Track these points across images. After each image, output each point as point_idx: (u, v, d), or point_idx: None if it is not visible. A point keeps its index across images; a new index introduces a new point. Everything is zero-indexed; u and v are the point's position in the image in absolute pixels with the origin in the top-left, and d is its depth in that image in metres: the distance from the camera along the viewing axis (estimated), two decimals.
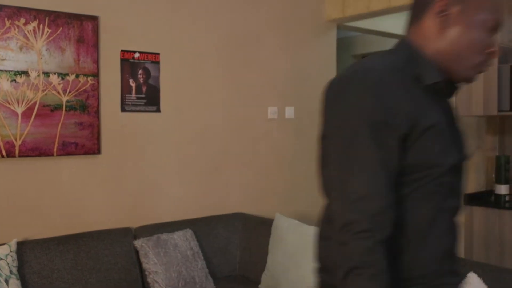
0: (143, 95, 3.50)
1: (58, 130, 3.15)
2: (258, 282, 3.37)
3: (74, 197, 3.27)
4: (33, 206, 3.12)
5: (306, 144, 4.44)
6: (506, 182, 3.66)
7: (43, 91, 3.08)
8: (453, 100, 3.51)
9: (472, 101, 3.53)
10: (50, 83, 3.11)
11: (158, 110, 3.58)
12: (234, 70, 3.99)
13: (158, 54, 3.56)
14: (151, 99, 3.54)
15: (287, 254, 3.11)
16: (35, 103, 3.06)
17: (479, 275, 2.40)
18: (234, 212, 3.92)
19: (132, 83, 3.45)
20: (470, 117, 3.68)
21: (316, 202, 4.55)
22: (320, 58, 4.55)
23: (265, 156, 4.18)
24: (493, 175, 3.78)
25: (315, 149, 4.45)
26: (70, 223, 3.25)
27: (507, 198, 3.64)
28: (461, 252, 3.72)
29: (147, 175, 3.56)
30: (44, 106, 3.09)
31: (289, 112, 4.31)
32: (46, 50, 3.09)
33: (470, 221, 3.71)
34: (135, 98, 3.47)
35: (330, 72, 4.60)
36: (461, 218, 3.71)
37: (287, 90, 4.31)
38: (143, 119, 3.52)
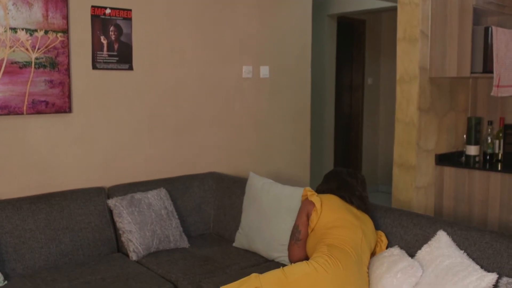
0: (115, 53, 3.42)
1: (28, 88, 3.07)
2: (232, 241, 3.41)
3: (46, 157, 3.22)
4: (2, 166, 3.07)
5: (281, 104, 4.43)
6: (476, 143, 3.72)
7: (10, 47, 2.98)
8: (427, 62, 3.51)
9: (446, 62, 3.54)
10: (18, 40, 3.01)
11: (130, 68, 3.51)
12: (208, 27, 3.91)
13: (130, 10, 3.47)
14: (123, 56, 3.46)
15: (261, 213, 3.13)
16: (2, 60, 2.96)
17: (448, 233, 2.47)
18: (208, 171, 3.92)
19: (104, 40, 3.37)
20: (444, 78, 3.70)
21: (289, 161, 4.60)
22: (295, 17, 4.49)
23: (239, 116, 4.16)
24: (464, 136, 3.84)
25: (290, 108, 4.46)
26: (41, 182, 3.21)
27: (477, 159, 3.71)
28: (431, 210, 3.80)
29: (120, 134, 3.51)
30: (12, 63, 3.00)
31: (264, 71, 4.27)
32: (13, 4, 2.98)
33: (440, 181, 3.79)
34: (106, 55, 3.39)
35: (305, 32, 4.56)
36: (432, 178, 3.79)
37: (262, 49, 4.26)
38: (115, 77, 3.45)
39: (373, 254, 2.58)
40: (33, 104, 3.10)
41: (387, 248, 2.63)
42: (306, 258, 2.55)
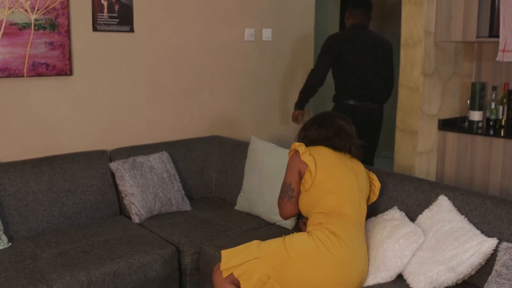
0: (115, 14, 3.37)
1: (28, 50, 3.03)
2: (234, 204, 3.43)
3: (47, 120, 3.21)
4: (4, 129, 3.06)
5: (284, 68, 4.39)
6: (480, 109, 3.69)
7: (9, 8, 2.94)
8: (432, 25, 3.46)
9: (451, 26, 3.49)
10: (17, 1, 2.96)
11: (131, 30, 3.46)
12: None
13: None
14: (124, 18, 3.41)
15: (263, 176, 3.14)
16: (1, 21, 2.92)
17: (449, 198, 2.47)
18: (210, 135, 3.92)
19: (104, 1, 3.31)
20: (449, 42, 3.65)
21: (292, 125, 4.58)
22: None
23: (241, 79, 4.13)
24: (468, 102, 3.81)
25: (292, 72, 4.42)
26: (43, 145, 3.21)
27: (480, 124, 3.69)
28: (432, 176, 3.81)
29: (121, 97, 3.49)
30: (11, 24, 2.96)
31: (267, 34, 4.21)
32: None
33: (442, 146, 3.78)
34: (107, 17, 3.33)
35: None
36: (434, 143, 3.77)
37: (265, 11, 4.19)
38: (116, 39, 3.41)
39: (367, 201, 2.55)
40: (34, 66, 3.07)
41: (377, 196, 2.62)
42: (297, 214, 2.55)
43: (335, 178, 2.40)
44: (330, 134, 2.52)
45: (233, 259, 2.25)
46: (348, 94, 3.97)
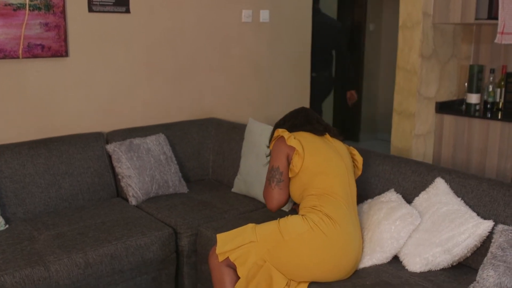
0: None
1: (23, 31, 3.00)
2: (231, 186, 3.43)
3: (43, 101, 3.19)
4: (0, 110, 3.04)
5: (281, 50, 4.36)
6: (477, 92, 3.68)
7: None
8: (430, 7, 3.43)
9: (450, 7, 3.46)
10: None
11: (127, 11, 3.43)
12: None
13: None
14: None
15: (260, 158, 3.14)
16: None
17: (446, 181, 2.48)
18: (207, 117, 3.90)
19: None
20: (447, 24, 3.63)
21: (289, 107, 4.56)
22: None
23: (238, 61, 4.10)
24: (466, 84, 3.80)
25: (289, 54, 4.40)
26: (39, 127, 3.19)
27: (477, 107, 3.69)
28: (429, 158, 3.81)
29: (118, 79, 3.47)
30: (6, 5, 2.92)
31: (264, 15, 4.18)
32: None
33: (440, 129, 3.78)
34: None
35: None
36: (431, 126, 3.77)
37: None
38: (112, 20, 3.38)
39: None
40: (29, 47, 3.04)
41: (361, 170, 2.62)
42: (286, 202, 2.47)
43: (323, 159, 2.39)
44: (306, 121, 2.57)
45: (228, 243, 2.26)
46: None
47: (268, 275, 2.21)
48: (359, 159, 2.60)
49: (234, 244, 2.24)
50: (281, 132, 2.44)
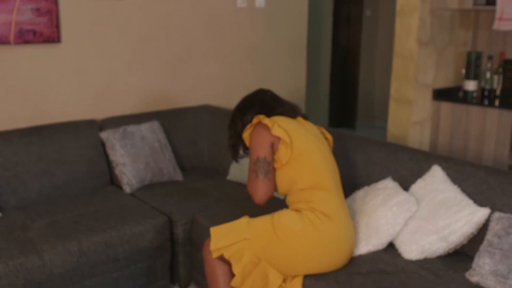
0: None
1: (14, 16, 2.96)
2: (226, 174, 3.41)
3: (36, 88, 3.15)
4: None
5: (277, 36, 4.32)
6: (475, 78, 3.65)
7: None
8: None
9: None
10: None
11: None
12: None
13: None
14: None
15: None
16: None
17: (442, 168, 2.46)
18: (201, 104, 3.87)
19: None
20: (445, 10, 3.59)
21: (285, 95, 4.53)
22: None
23: (234, 48, 4.06)
24: (463, 71, 3.78)
25: (285, 40, 4.36)
26: (32, 115, 3.16)
27: (474, 94, 3.66)
28: (426, 146, 3.80)
29: (111, 66, 3.43)
30: None
31: (260, 1, 4.14)
32: None
33: (437, 116, 3.76)
34: None
35: None
36: (428, 113, 3.75)
37: None
38: (104, 5, 3.33)
39: None
40: (20, 33, 3.00)
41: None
42: (272, 194, 2.28)
43: (307, 147, 2.24)
44: (276, 102, 2.39)
45: (222, 239, 2.20)
46: None
47: (264, 273, 2.18)
48: (329, 137, 2.49)
49: (228, 241, 2.19)
50: (262, 118, 2.25)
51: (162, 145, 3.28)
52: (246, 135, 2.32)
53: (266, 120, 2.23)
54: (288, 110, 2.39)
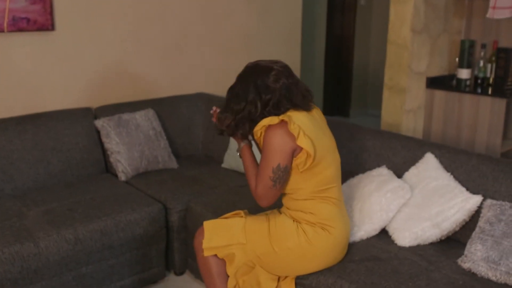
0: None
1: (7, 4, 2.94)
2: (221, 162, 3.42)
3: (30, 76, 3.14)
4: None
5: (271, 24, 4.31)
6: (468, 67, 3.67)
7: None
8: None
9: None
10: None
11: None
12: None
13: None
14: None
15: None
16: None
17: (435, 156, 2.48)
18: (197, 92, 3.87)
19: None
20: None
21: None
22: None
23: (228, 35, 4.06)
24: (457, 59, 3.79)
25: (280, 27, 4.35)
26: (27, 103, 3.15)
27: (468, 82, 3.68)
28: (419, 133, 3.82)
29: (106, 53, 3.42)
30: None
31: None
32: None
33: (430, 103, 3.77)
34: None
35: None
36: (422, 101, 3.77)
37: None
38: None
39: None
40: (14, 21, 2.98)
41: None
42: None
43: (325, 159, 2.08)
44: (296, 90, 2.09)
45: (215, 238, 2.17)
46: None
47: (257, 280, 2.17)
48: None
49: (222, 241, 2.16)
50: (288, 121, 2.00)
51: (157, 133, 3.28)
52: (260, 129, 2.06)
53: (292, 127, 1.98)
54: (305, 99, 2.12)
